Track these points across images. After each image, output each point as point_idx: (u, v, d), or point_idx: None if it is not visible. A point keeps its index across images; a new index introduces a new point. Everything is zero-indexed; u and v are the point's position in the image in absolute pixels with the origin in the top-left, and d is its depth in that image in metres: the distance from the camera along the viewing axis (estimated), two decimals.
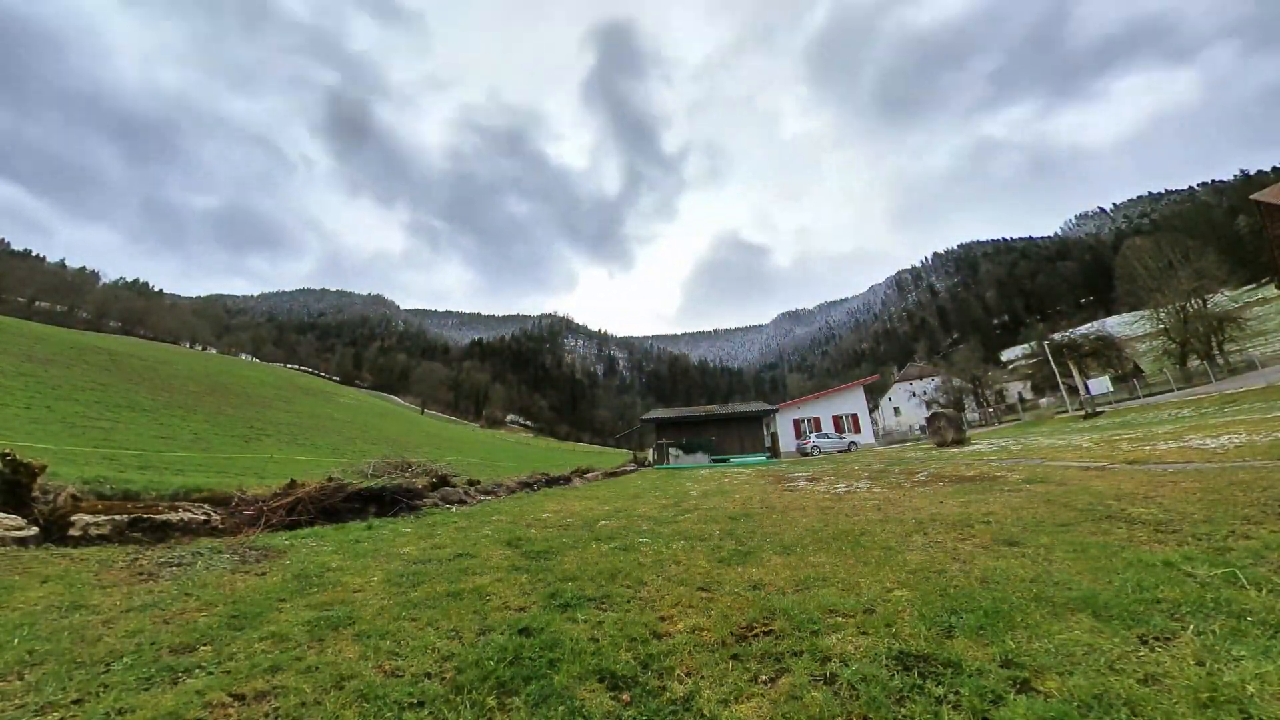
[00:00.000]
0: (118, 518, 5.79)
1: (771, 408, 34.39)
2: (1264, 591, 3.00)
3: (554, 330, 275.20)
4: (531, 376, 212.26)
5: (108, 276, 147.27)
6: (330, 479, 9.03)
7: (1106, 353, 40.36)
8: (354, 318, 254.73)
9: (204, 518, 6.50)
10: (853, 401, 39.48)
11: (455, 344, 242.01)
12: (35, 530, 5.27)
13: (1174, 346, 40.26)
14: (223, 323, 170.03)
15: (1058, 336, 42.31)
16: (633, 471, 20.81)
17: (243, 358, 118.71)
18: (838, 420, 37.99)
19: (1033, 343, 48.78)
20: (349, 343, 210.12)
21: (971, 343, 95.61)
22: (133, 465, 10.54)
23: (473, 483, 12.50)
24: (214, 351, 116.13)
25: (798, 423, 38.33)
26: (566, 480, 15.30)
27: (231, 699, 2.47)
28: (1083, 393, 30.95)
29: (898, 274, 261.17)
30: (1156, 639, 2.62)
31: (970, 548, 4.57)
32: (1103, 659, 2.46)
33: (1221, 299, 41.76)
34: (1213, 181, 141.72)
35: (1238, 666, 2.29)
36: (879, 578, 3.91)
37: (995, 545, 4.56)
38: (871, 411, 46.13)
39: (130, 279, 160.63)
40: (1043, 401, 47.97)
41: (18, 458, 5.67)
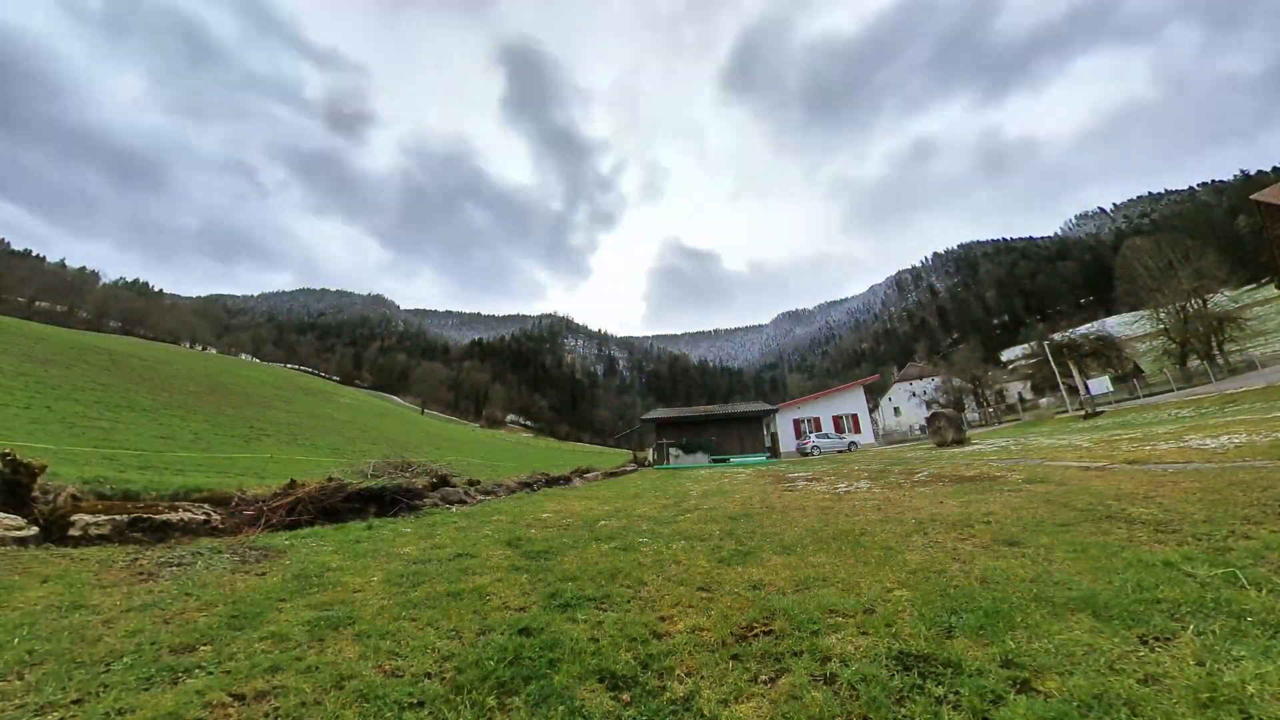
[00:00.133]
0: (118, 518, 5.79)
1: (771, 408, 34.39)
2: (1264, 591, 3.00)
3: (554, 330, 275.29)
4: (531, 376, 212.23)
5: (107, 277, 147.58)
6: (330, 479, 9.03)
7: (1106, 353, 40.35)
8: (354, 318, 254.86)
9: (204, 518, 6.50)
10: (853, 401, 39.50)
11: (455, 344, 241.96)
12: (35, 530, 5.27)
13: (1174, 346, 40.24)
14: (223, 323, 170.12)
15: (1058, 336, 42.28)
16: (633, 471, 20.80)
17: (243, 358, 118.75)
18: (838, 420, 37.99)
19: (1033, 343, 48.76)
20: (349, 343, 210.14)
21: (971, 343, 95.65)
22: (133, 465, 10.54)
23: (473, 483, 12.50)
24: (214, 351, 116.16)
25: (798, 423, 38.34)
26: (566, 480, 15.29)
27: (231, 699, 2.47)
28: (1083, 393, 30.97)
29: (898, 274, 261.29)
30: (1156, 639, 2.62)
31: (970, 548, 4.57)
32: (1103, 659, 2.46)
33: (1221, 299, 41.76)
34: (1213, 181, 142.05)
35: (1238, 666, 2.29)
36: (879, 578, 3.91)
37: (995, 545, 4.56)
38: (871, 411, 46.14)
39: (130, 279, 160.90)
40: (1043, 401, 47.96)
41: (18, 458, 5.67)
